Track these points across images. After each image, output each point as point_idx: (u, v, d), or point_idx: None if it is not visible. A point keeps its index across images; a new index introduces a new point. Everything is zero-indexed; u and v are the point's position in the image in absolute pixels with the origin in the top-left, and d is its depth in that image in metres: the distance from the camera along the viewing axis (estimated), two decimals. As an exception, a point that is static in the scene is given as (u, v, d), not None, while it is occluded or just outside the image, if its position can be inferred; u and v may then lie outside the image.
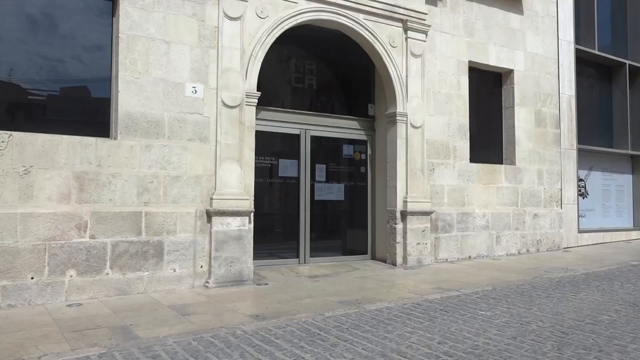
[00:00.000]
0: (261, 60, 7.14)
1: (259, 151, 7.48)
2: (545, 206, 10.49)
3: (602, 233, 11.88)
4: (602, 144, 12.48)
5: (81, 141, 5.85)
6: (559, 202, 10.74)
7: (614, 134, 12.84)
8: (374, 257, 8.97)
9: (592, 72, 12.52)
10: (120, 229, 5.99)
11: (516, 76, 10.22)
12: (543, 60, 10.68)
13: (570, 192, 11.03)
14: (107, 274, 5.89)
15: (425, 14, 8.73)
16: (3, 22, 5.78)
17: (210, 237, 6.58)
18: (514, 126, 10.16)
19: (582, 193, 12.00)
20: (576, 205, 11.14)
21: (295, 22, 7.48)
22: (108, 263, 5.90)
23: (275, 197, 8.46)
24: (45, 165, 5.62)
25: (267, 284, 6.76)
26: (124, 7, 6.19)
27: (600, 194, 12.50)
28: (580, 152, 11.41)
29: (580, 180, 11.78)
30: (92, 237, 5.81)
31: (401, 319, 4.91)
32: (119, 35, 6.16)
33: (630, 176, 13.17)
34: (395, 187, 8.44)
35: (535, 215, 10.26)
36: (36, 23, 5.98)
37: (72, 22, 6.17)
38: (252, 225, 6.90)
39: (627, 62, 12.69)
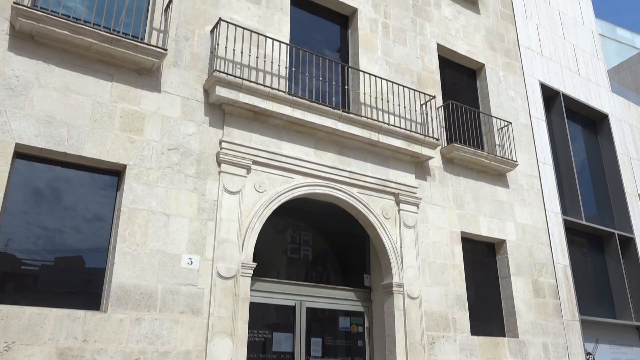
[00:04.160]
0: (258, 231, 7.27)
1: (252, 324, 7.23)
2: (556, 383, 9.85)
3: (620, 414, 10.99)
4: (604, 314, 12.16)
5: (70, 314, 5.66)
6: (570, 379, 10.12)
7: (615, 304, 12.59)
8: None
9: (583, 241, 12.72)
10: (99, 413, 5.51)
11: (509, 246, 10.35)
12: (534, 230, 10.91)
13: (580, 367, 10.44)
14: None
15: (416, 187, 9.16)
16: (11, 196, 5.97)
17: (196, 421, 6.03)
18: (512, 296, 9.99)
19: (592, 368, 11.38)
20: (588, 382, 10.49)
21: (291, 196, 7.79)
22: None
23: (268, 374, 7.94)
24: (29, 340, 5.36)
25: None
26: (128, 183, 6.47)
27: (611, 369, 11.84)
28: (583, 323, 11.07)
29: (588, 354, 11.25)
30: (66, 422, 5.31)
31: None
32: (121, 208, 6.34)
33: (640, 349, 12.62)
34: (395, 362, 8.00)
35: (546, 393, 9.59)
36: (41, 195, 6.18)
37: (76, 194, 6.39)
38: (242, 407, 6.38)
39: (616, 232, 12.97)
